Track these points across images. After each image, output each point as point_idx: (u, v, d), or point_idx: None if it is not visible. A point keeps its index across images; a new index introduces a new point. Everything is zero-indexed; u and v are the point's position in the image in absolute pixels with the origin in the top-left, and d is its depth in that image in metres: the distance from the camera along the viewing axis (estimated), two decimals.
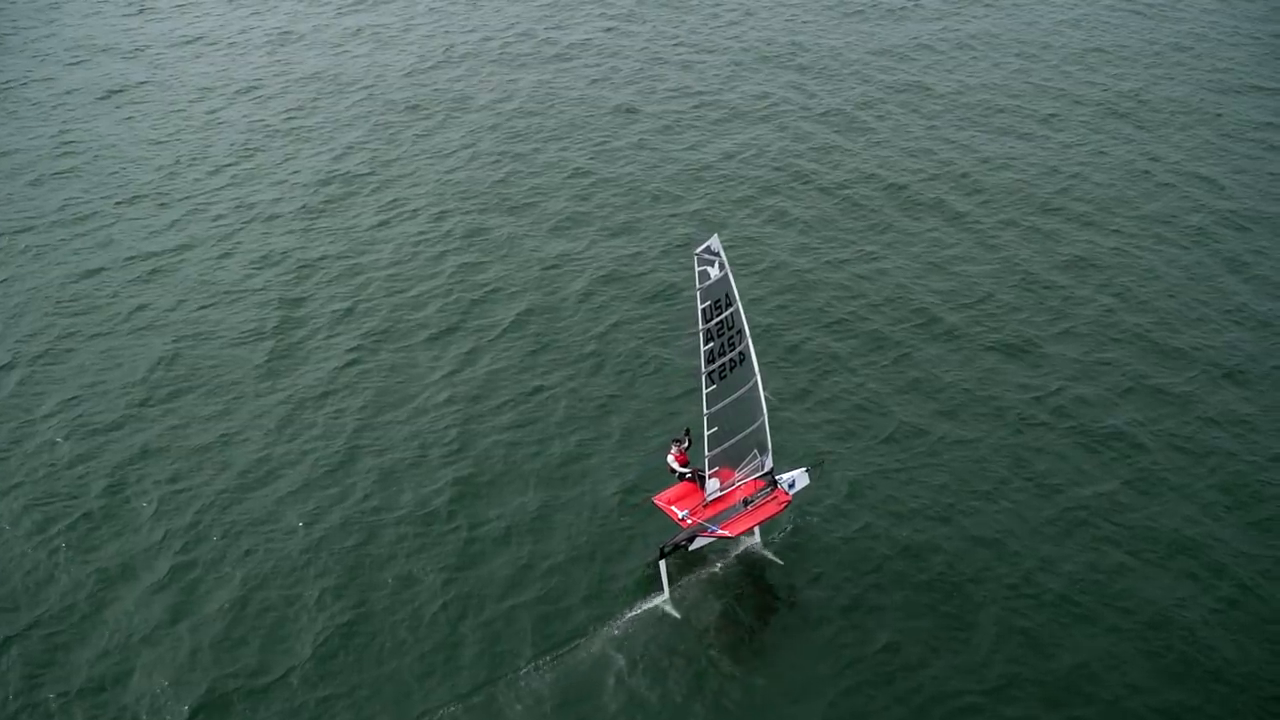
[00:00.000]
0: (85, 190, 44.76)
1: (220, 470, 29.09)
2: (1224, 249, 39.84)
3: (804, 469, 25.44)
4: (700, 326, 21.38)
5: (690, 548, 23.61)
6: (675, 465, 24.83)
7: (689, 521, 23.60)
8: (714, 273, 21.08)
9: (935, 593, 24.92)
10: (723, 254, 21.27)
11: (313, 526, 27.15)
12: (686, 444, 25.21)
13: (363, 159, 47.68)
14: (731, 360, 22.08)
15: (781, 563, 25.30)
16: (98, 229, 41.68)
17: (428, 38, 62.75)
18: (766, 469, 24.09)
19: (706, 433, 22.87)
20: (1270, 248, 39.93)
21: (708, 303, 21.32)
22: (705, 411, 22.52)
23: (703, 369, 21.95)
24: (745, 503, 23.83)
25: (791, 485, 24.67)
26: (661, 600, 23.83)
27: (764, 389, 23.48)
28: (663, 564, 23.65)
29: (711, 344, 21.72)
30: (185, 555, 26.39)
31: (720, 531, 23.35)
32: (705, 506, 24.03)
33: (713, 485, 23.77)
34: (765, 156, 47.64)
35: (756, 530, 25.01)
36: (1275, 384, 32.34)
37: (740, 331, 22.04)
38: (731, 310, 21.65)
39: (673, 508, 24.13)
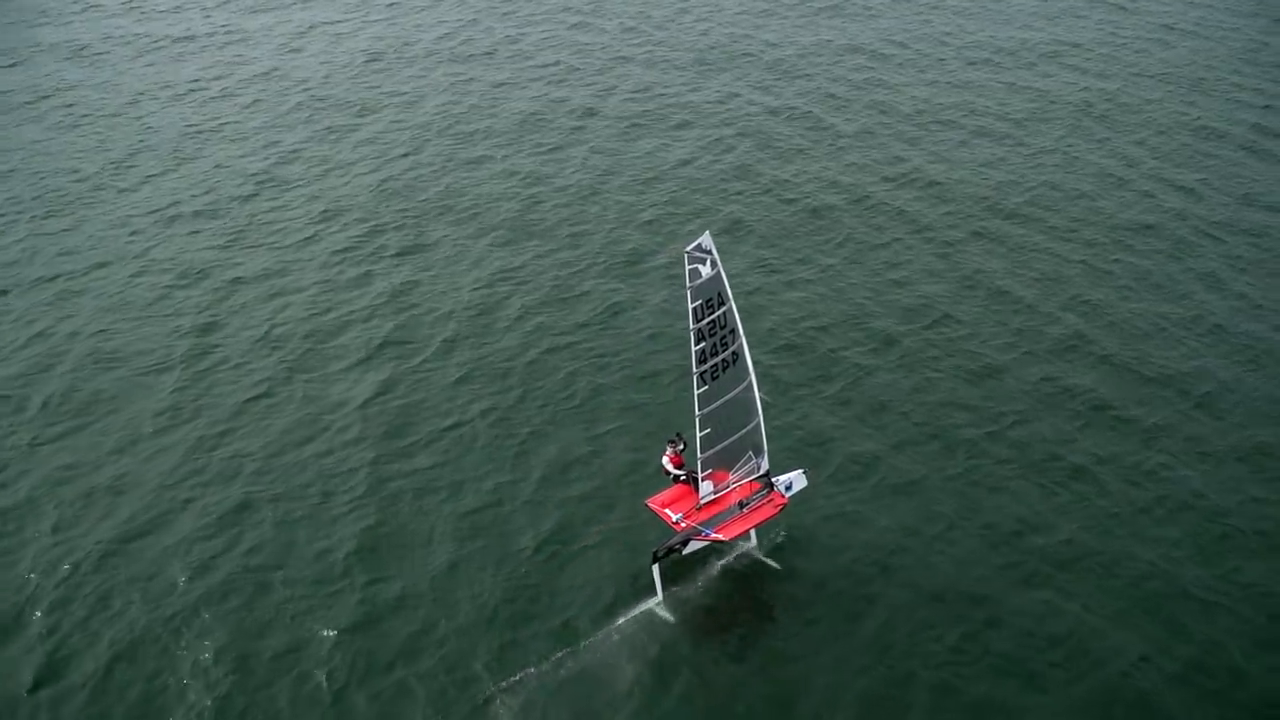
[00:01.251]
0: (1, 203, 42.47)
1: (103, 518, 26.86)
2: (1199, 264, 37.56)
3: (801, 470, 24.60)
4: (691, 326, 20.89)
5: (684, 551, 23.14)
6: (670, 467, 24.15)
7: (683, 525, 23.05)
8: (705, 271, 20.59)
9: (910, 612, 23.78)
10: (714, 252, 20.70)
11: (194, 583, 24.94)
12: (681, 446, 24.33)
13: (298, 166, 45.39)
14: (724, 360, 21.56)
15: (778, 567, 24.47)
16: (8, 245, 39.37)
17: (378, 38, 60.38)
18: (762, 471, 23.46)
19: (699, 434, 22.29)
20: (1249, 260, 37.66)
21: (698, 301, 20.79)
22: (697, 413, 21.92)
23: (694, 369, 21.42)
24: (741, 505, 23.20)
25: (789, 487, 23.96)
26: (655, 604, 23.24)
27: (759, 390, 22.72)
28: (656, 568, 23.03)
29: (703, 344, 21.18)
30: (53, 615, 24.19)
31: (715, 535, 22.78)
32: (700, 509, 23.36)
33: (707, 488, 23.15)
34: (724, 163, 45.30)
35: (753, 534, 24.40)
36: (1249, 415, 30.12)
37: (733, 331, 21.47)
38: (724, 309, 21.12)
39: (667, 511, 23.56)
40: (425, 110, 50.95)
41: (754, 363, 31.68)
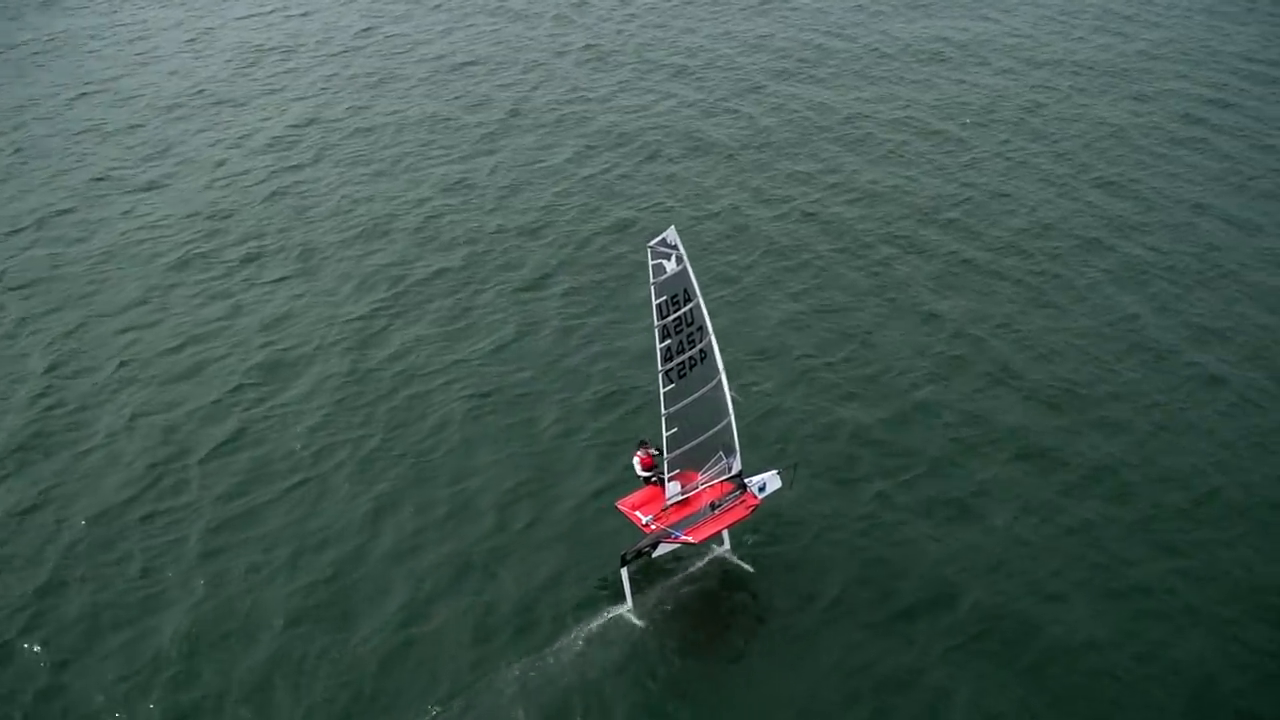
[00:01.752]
0: None
1: None
2: (1142, 284, 34.53)
3: (775, 471, 23.85)
4: (655, 323, 20.61)
5: (654, 554, 22.61)
6: (640, 469, 23.59)
7: (653, 527, 22.52)
8: (670, 266, 20.26)
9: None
10: (680, 247, 20.22)
11: None
12: (654, 450, 23.58)
13: (176, 179, 42.09)
14: (691, 358, 21.20)
15: (752, 570, 23.67)
16: None
17: (293, 34, 57.02)
18: (734, 471, 22.91)
19: (665, 434, 21.87)
20: (1194, 278, 34.68)
21: (663, 298, 20.48)
22: (663, 412, 21.52)
23: (659, 367, 21.03)
24: (713, 506, 22.64)
25: (762, 488, 23.32)
26: (624, 610, 22.57)
27: (730, 388, 22.05)
28: (625, 572, 22.32)
29: (668, 341, 20.87)
30: None
31: (684, 538, 22.20)
32: (667, 510, 22.76)
33: (674, 488, 22.66)
34: (643, 172, 42.17)
35: (726, 536, 23.76)
36: (1184, 465, 27.20)
37: (701, 328, 21.12)
38: (691, 306, 20.79)
39: (636, 513, 23.06)
40: (333, 112, 47.75)
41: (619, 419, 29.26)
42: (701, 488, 22.79)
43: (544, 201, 40.20)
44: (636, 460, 23.62)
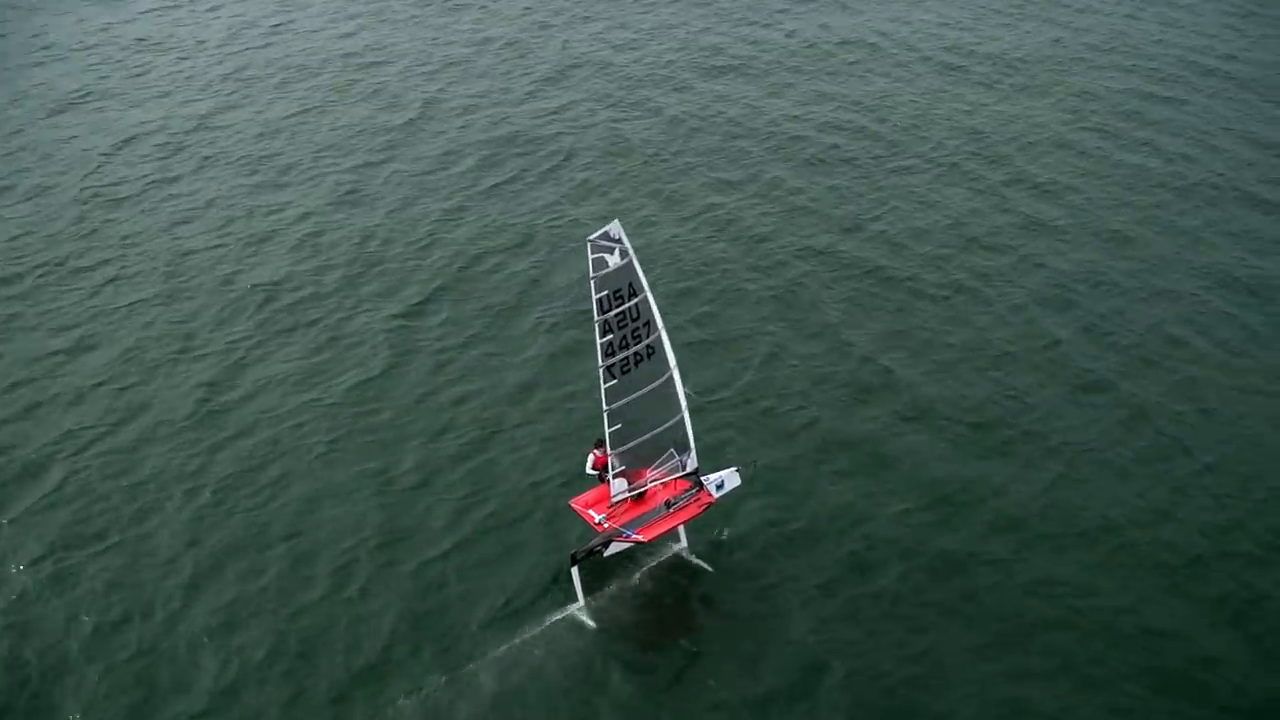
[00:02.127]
0: None
1: None
2: (1077, 310, 31.94)
3: (734, 468, 23.25)
4: (596, 317, 20.12)
5: (606, 553, 21.95)
6: (593, 468, 22.99)
7: (605, 526, 22.06)
8: (612, 261, 19.83)
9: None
10: (625, 241, 19.77)
11: None
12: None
13: (30, 206, 39.03)
14: (637, 354, 20.74)
15: (711, 569, 22.99)
16: None
17: (164, 33, 53.88)
18: (690, 469, 22.33)
19: (608, 430, 21.37)
20: (1132, 300, 32.07)
21: (604, 292, 20.02)
22: (605, 408, 21.08)
23: (599, 362, 20.57)
24: (668, 505, 22.18)
25: (720, 486, 22.80)
26: (575, 609, 22.01)
27: (684, 383, 21.45)
28: (575, 571, 21.80)
29: (610, 336, 20.36)
30: None
31: (635, 536, 21.75)
32: (614, 508, 22.30)
33: (619, 485, 22.19)
34: (548, 183, 39.32)
35: (684, 535, 23.22)
36: (1088, 531, 24.56)
37: (649, 324, 20.60)
38: (637, 301, 20.29)
39: (590, 512, 22.60)
40: (226, 116, 44.76)
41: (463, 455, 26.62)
42: (652, 485, 22.38)
43: (438, 214, 37.36)
44: (591, 458, 23.01)
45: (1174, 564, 23.02)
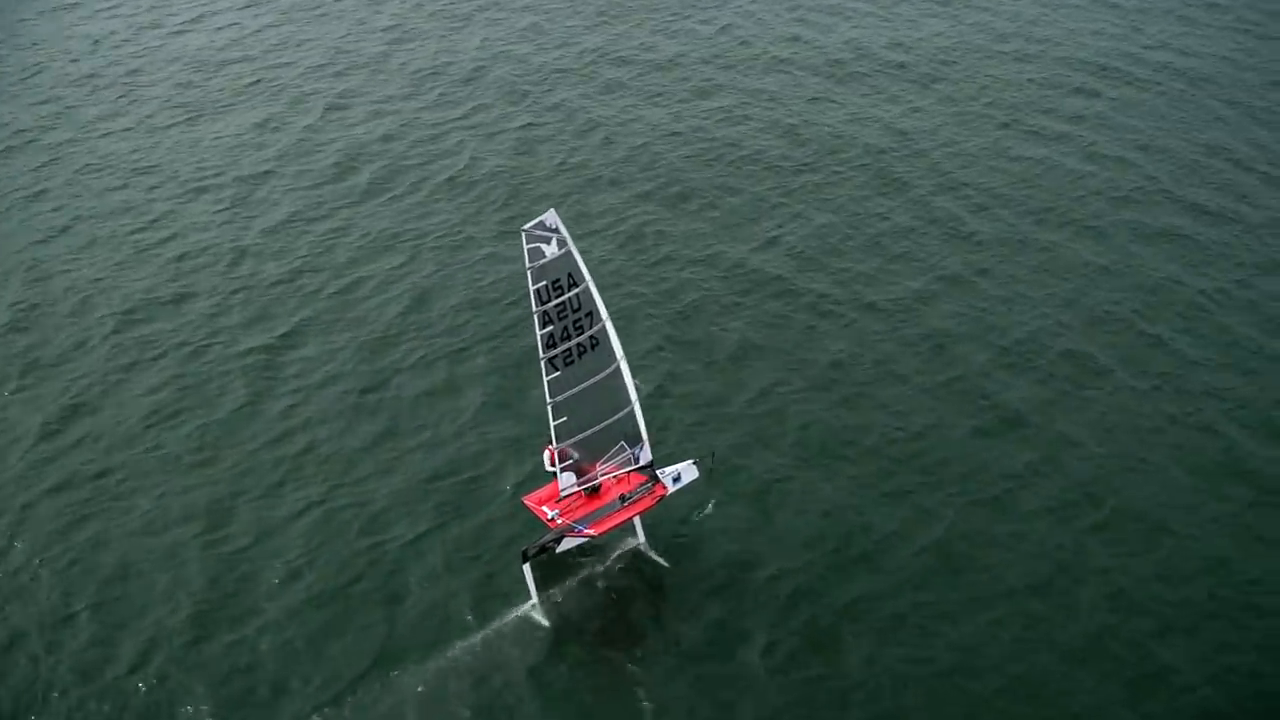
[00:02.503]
0: None
1: None
2: (984, 341, 29.68)
3: (691, 461, 22.61)
4: (534, 309, 19.67)
5: (558, 549, 21.29)
6: (549, 463, 22.11)
7: (558, 521, 21.42)
8: (549, 250, 19.44)
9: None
10: (563, 230, 19.22)
11: None
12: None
13: None
14: (580, 345, 20.15)
15: (667, 564, 22.37)
16: None
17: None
18: (643, 462, 21.63)
19: (553, 424, 20.67)
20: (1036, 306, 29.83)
21: (542, 283, 19.57)
22: (548, 400, 20.43)
23: (540, 354, 20.01)
24: (623, 499, 21.61)
25: (677, 479, 22.24)
26: (529, 607, 21.33)
27: (633, 375, 20.69)
28: (528, 568, 21.07)
29: (550, 327, 19.84)
30: None
31: (587, 531, 21.26)
32: (563, 502, 21.54)
33: (567, 479, 21.47)
34: (429, 207, 36.67)
35: (641, 531, 22.59)
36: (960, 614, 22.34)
37: (591, 314, 19.98)
38: (578, 291, 19.70)
39: (543, 508, 21.92)
40: (98, 136, 42.05)
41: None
42: (603, 479, 21.57)
43: (320, 233, 34.65)
44: (546, 454, 22.15)
45: (1069, 642, 20.81)
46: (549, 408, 20.50)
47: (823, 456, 25.24)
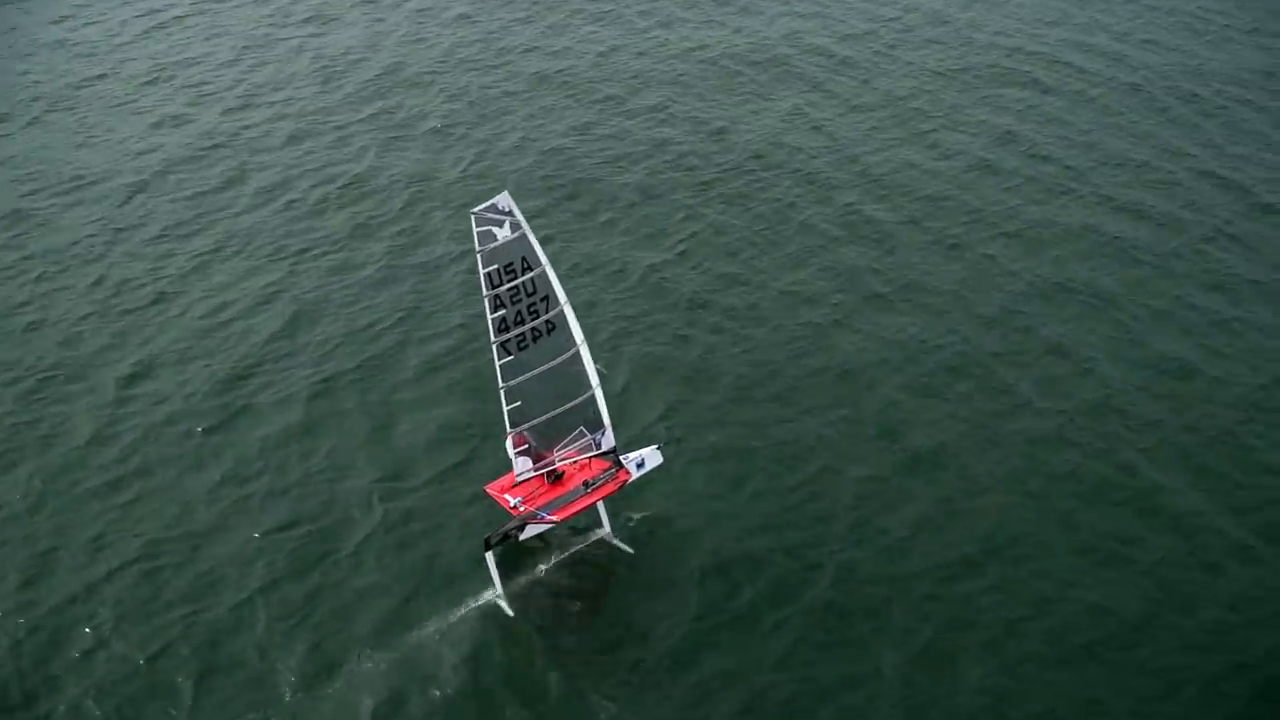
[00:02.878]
0: None
1: None
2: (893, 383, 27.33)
3: (655, 446, 22.63)
4: (485, 293, 19.62)
5: (521, 537, 21.27)
6: (512, 450, 21.77)
7: (521, 509, 21.40)
8: (501, 234, 19.34)
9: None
10: (516, 213, 19.19)
11: None
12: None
13: None
14: (535, 329, 20.06)
15: (631, 551, 22.14)
16: None
17: None
18: (605, 447, 21.54)
19: (506, 408, 20.62)
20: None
21: (493, 266, 19.49)
22: (501, 385, 20.40)
23: (492, 338, 20.01)
24: (586, 485, 21.53)
25: (641, 464, 22.18)
26: (494, 596, 21.18)
27: (594, 360, 20.57)
28: (490, 556, 20.95)
29: (503, 311, 19.75)
30: None
31: (550, 518, 21.17)
32: (520, 488, 21.64)
33: (523, 465, 21.40)
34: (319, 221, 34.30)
35: (605, 519, 22.47)
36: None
37: (546, 298, 19.83)
38: (532, 275, 19.61)
39: (505, 496, 21.84)
40: None
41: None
42: (561, 464, 21.57)
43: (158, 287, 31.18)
44: (509, 441, 21.74)
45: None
46: (502, 393, 20.33)
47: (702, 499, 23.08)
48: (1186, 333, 27.62)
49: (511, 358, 20.08)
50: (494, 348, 19.94)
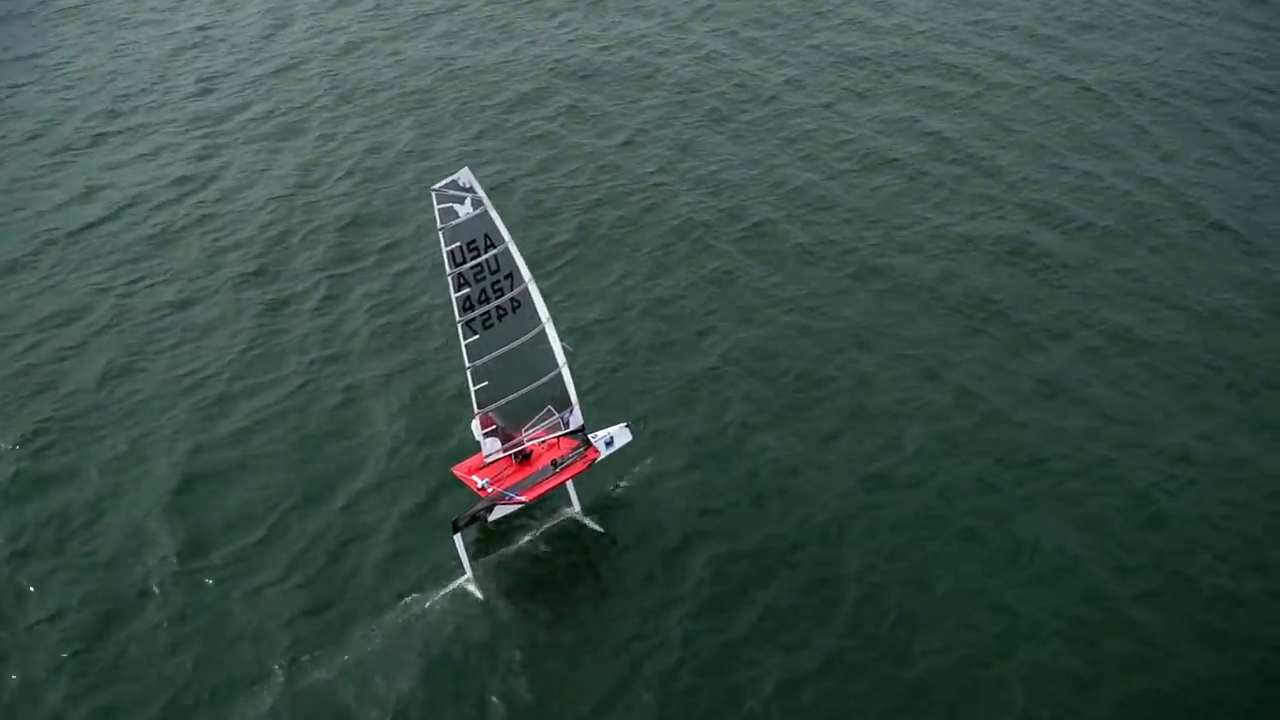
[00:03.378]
0: None
1: None
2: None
3: (624, 425, 22.78)
4: (448, 270, 19.53)
5: (490, 518, 21.48)
6: (479, 432, 21.76)
7: (489, 490, 21.49)
8: (463, 211, 19.03)
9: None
10: (478, 189, 19.02)
11: None
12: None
13: None
14: (500, 308, 19.96)
15: (600, 530, 22.50)
16: None
17: None
18: (573, 427, 21.73)
19: (473, 388, 20.66)
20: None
21: (456, 244, 19.32)
22: (467, 364, 20.42)
23: (457, 317, 19.92)
24: (555, 465, 21.72)
25: (610, 443, 22.38)
26: (464, 580, 21.33)
27: (560, 338, 20.72)
28: (459, 539, 21.10)
29: (467, 290, 19.62)
30: None
31: (518, 498, 21.38)
32: (488, 469, 21.59)
33: (491, 445, 21.41)
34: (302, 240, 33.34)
35: (575, 498, 22.71)
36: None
37: (511, 276, 19.87)
38: (496, 252, 19.61)
39: (473, 477, 21.92)
40: None
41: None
42: (531, 444, 21.59)
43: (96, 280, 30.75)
44: (476, 422, 21.74)
45: None
46: (468, 373, 20.41)
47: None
48: (1121, 384, 25.99)
49: (477, 337, 20.03)
50: (459, 327, 19.95)
